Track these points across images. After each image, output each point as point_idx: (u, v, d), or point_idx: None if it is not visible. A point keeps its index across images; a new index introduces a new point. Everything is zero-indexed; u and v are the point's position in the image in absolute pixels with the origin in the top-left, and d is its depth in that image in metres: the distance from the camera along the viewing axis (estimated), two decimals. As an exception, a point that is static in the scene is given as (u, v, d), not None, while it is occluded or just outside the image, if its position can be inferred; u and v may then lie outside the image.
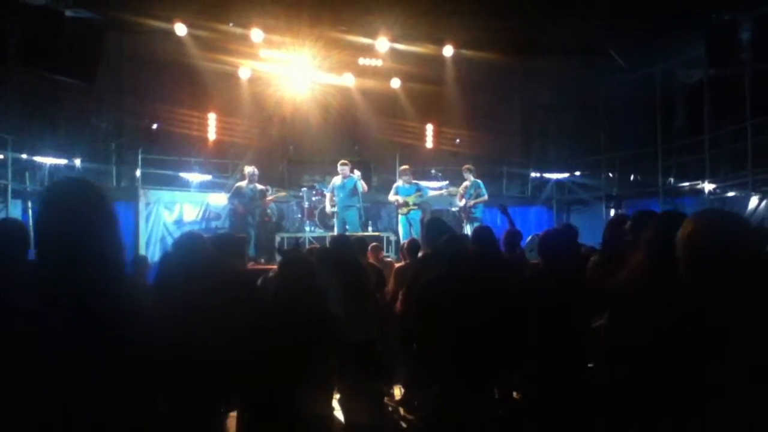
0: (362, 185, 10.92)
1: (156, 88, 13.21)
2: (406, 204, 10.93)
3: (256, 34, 12.09)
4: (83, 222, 1.80)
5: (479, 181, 11.23)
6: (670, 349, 1.79)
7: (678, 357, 1.75)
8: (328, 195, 11.15)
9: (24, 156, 11.18)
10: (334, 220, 11.20)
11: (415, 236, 9.95)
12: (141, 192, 12.08)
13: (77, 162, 12.05)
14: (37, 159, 11.52)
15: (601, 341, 3.19)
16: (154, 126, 13.03)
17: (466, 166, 11.47)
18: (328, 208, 11.10)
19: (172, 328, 2.92)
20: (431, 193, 11.45)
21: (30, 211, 11.33)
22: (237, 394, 3.45)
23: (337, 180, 10.97)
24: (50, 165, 11.75)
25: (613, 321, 3.08)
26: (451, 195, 11.91)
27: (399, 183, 11.20)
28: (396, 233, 11.46)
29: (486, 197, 11.09)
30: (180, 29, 11.85)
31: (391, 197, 11.20)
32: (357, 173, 10.97)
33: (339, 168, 10.93)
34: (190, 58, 12.47)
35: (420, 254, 5.92)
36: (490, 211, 11.58)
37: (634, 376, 1.92)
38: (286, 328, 3.34)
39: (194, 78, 13.02)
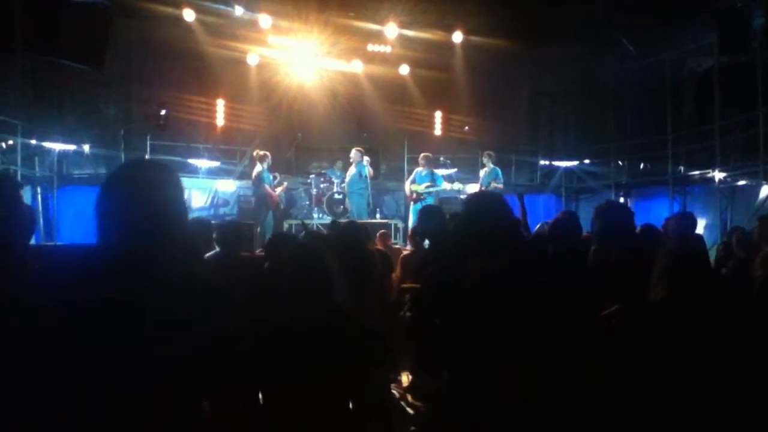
0: (368, 171, 10.96)
1: (164, 74, 13.20)
2: (415, 193, 10.87)
3: (264, 19, 12.02)
4: (154, 202, 1.75)
5: (498, 168, 11.17)
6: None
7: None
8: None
9: (33, 142, 11.20)
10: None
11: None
12: (149, 178, 12.08)
13: (86, 148, 12.08)
14: (46, 145, 11.55)
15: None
16: (163, 112, 13.01)
17: (487, 152, 11.39)
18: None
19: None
20: (444, 185, 11.24)
21: (39, 197, 11.39)
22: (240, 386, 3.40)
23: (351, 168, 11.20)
24: (59, 151, 11.79)
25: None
26: (459, 187, 11.84)
27: (419, 169, 11.14)
28: (404, 220, 11.44)
29: (501, 185, 11.02)
30: (188, 15, 11.79)
31: (407, 185, 11.19)
32: (366, 159, 11.00)
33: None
34: (198, 44, 12.41)
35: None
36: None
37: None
38: (299, 317, 3.27)
39: (202, 64, 12.97)
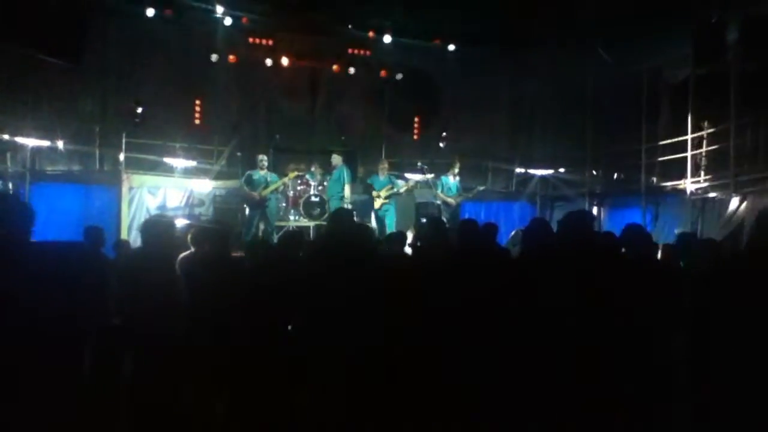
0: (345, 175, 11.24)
1: (141, 71, 13.04)
2: (378, 197, 11.06)
3: (244, 19, 11.99)
4: None
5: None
6: None
7: None
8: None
9: (6, 137, 11.00)
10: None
11: (387, 230, 10.14)
12: (124, 176, 11.96)
13: (60, 144, 11.89)
14: (19, 140, 11.34)
15: None
16: (139, 110, 12.86)
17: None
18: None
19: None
20: (402, 187, 11.50)
21: (11, 193, 11.18)
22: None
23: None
24: (32, 146, 11.59)
25: None
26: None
27: (377, 175, 11.54)
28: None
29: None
30: (168, 12, 11.71)
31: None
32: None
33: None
34: (178, 42, 12.35)
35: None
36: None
37: None
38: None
39: (181, 62, 12.87)
